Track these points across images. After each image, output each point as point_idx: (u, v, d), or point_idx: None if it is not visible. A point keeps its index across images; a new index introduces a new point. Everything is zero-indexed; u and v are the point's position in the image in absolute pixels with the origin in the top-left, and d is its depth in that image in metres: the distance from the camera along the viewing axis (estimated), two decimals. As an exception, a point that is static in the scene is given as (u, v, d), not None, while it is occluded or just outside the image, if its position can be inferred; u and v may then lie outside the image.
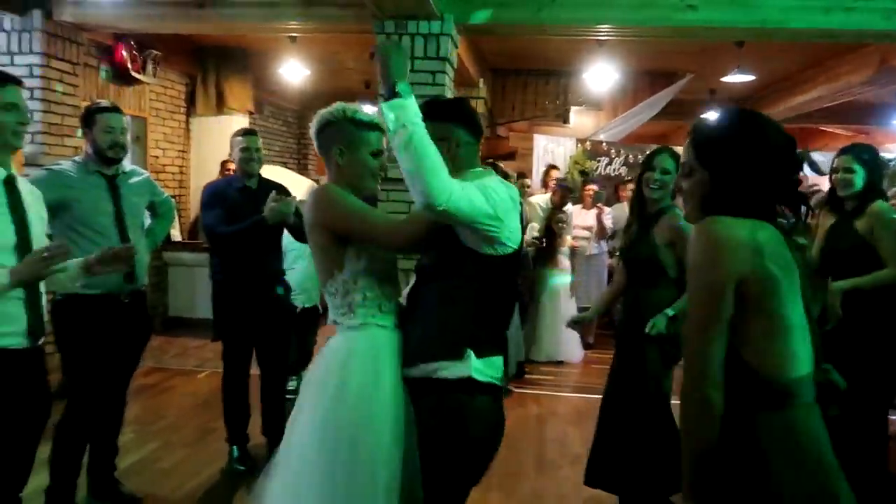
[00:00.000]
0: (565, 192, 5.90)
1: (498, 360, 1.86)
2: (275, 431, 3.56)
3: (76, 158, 3.01)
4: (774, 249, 1.40)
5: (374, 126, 1.97)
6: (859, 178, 2.96)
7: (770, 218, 1.45)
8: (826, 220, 3.13)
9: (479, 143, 1.97)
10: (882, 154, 3.34)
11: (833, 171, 3.07)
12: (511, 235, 1.81)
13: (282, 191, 3.51)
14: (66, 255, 2.04)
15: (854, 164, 2.97)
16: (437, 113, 1.84)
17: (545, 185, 6.66)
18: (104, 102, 3.02)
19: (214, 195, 3.46)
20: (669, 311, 2.70)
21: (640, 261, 2.87)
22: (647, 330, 2.68)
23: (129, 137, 3.01)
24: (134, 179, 3.05)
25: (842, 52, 6.34)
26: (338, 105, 1.96)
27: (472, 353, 1.78)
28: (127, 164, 3.07)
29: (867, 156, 3.00)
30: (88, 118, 2.91)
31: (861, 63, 6.20)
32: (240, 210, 3.34)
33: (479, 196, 1.71)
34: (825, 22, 4.23)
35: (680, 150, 2.65)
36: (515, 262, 1.88)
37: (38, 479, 2.58)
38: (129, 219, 2.95)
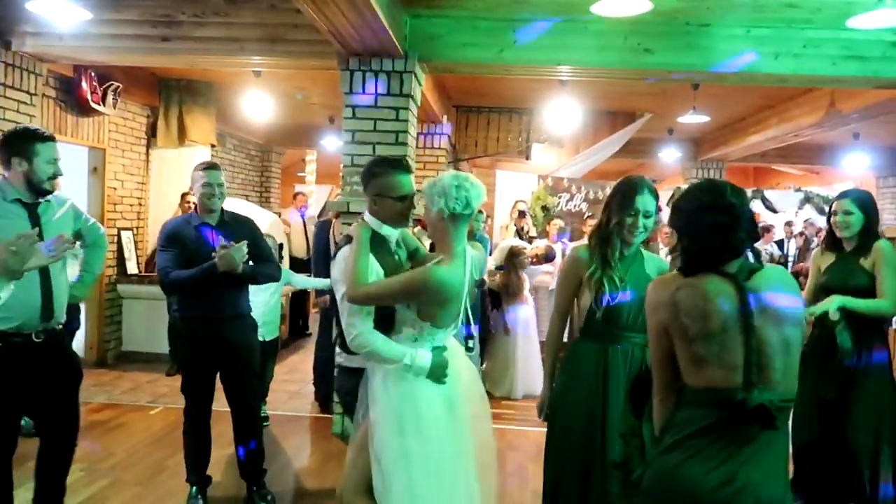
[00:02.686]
0: (547, 255, 6.45)
1: None
2: (253, 473, 3.48)
3: None
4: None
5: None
6: (857, 220, 3.18)
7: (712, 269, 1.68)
8: (823, 259, 3.33)
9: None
10: (828, 192, 3.48)
11: (832, 213, 3.28)
12: None
13: (245, 224, 3.44)
14: (33, 240, 2.16)
15: (852, 207, 3.19)
16: None
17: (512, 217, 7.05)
18: (41, 129, 2.76)
19: (171, 236, 3.28)
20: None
21: None
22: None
23: None
24: (58, 210, 2.85)
25: (793, 95, 6.60)
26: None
27: None
28: None
29: (864, 199, 3.24)
30: (26, 146, 2.64)
31: (811, 106, 6.46)
32: (199, 249, 3.22)
33: None
34: (775, 67, 4.39)
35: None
36: None
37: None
38: None
